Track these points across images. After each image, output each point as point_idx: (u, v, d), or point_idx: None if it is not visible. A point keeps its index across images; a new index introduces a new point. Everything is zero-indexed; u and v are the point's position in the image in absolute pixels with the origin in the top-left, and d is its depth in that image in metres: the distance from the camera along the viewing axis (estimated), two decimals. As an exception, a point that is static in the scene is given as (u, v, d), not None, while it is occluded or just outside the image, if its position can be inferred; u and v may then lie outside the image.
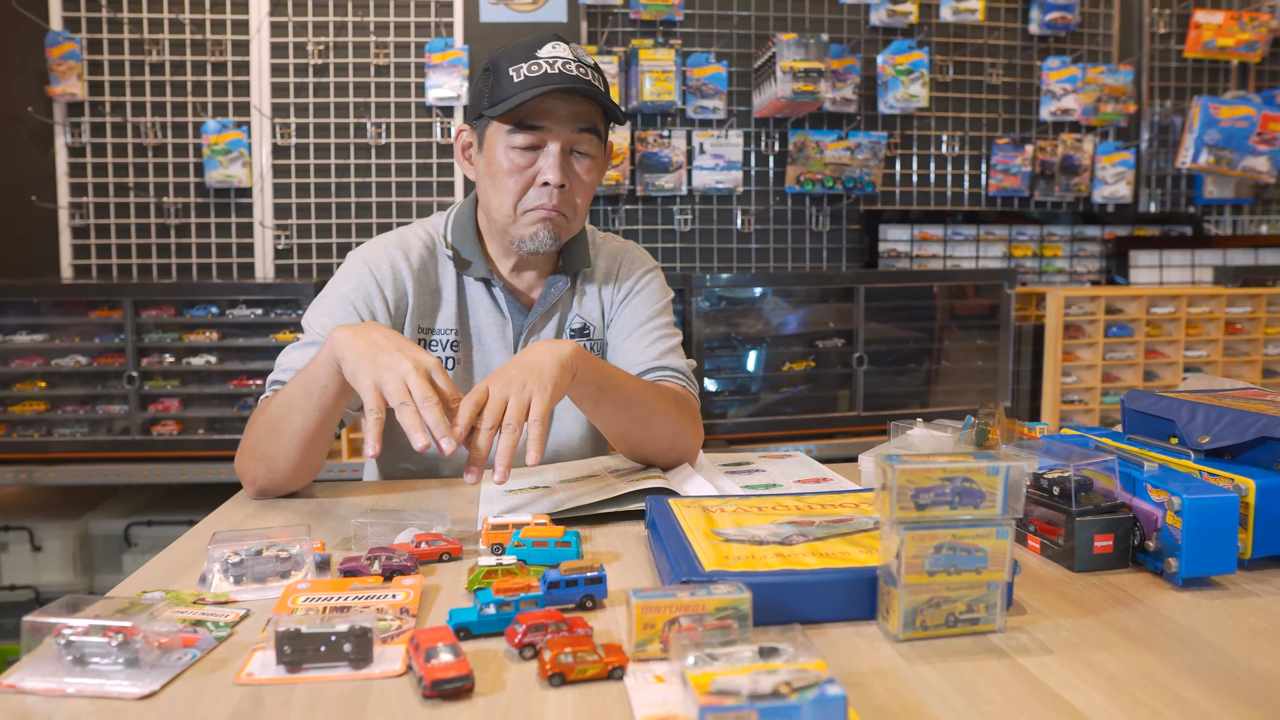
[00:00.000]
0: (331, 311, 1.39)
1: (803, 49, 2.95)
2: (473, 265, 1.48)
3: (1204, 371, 3.04)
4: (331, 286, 1.43)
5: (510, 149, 1.36)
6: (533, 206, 1.38)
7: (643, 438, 1.33)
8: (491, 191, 1.41)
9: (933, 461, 0.77)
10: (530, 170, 1.37)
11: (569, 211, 1.40)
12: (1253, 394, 1.15)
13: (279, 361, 1.37)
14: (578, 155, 1.39)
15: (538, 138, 1.35)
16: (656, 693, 0.68)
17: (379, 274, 1.42)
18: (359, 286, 1.41)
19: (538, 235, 1.39)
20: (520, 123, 1.34)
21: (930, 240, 3.39)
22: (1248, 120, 3.35)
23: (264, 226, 3.09)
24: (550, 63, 1.32)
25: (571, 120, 1.35)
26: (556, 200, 1.37)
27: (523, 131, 1.35)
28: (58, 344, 2.59)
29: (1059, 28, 3.36)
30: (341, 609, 0.82)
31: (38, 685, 0.70)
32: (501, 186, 1.38)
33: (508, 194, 1.38)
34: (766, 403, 2.90)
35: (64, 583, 2.64)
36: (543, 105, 1.33)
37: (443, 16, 3.08)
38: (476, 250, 1.48)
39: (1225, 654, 0.75)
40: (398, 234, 1.50)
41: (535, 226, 1.39)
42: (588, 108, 1.36)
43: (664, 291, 1.59)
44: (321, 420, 1.21)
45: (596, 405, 1.28)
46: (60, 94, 2.93)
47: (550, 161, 1.35)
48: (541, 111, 1.34)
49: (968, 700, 0.67)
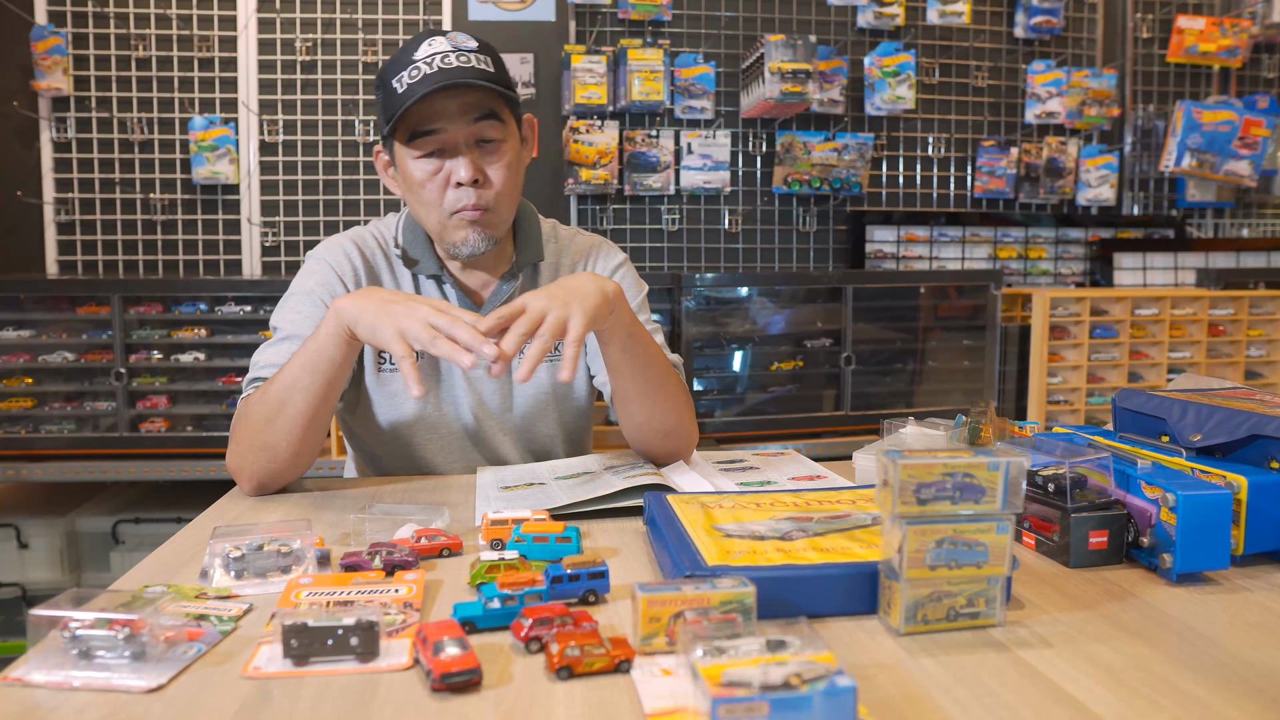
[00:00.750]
0: (299, 307, 1.40)
1: (790, 50, 2.96)
2: (421, 263, 1.47)
3: (1188, 372, 3.07)
4: (295, 285, 1.44)
5: (415, 160, 1.34)
6: (456, 209, 1.35)
7: (655, 406, 1.34)
8: (416, 205, 1.40)
9: (934, 457, 0.78)
10: (442, 175, 1.34)
11: (493, 204, 1.37)
12: (1242, 393, 1.16)
13: (256, 360, 1.38)
14: (485, 144, 1.35)
15: (437, 142, 1.33)
16: (664, 685, 0.69)
17: (339, 269, 1.44)
18: (323, 281, 1.42)
19: (469, 240, 1.37)
20: (414, 132, 1.32)
21: (916, 241, 3.41)
22: (1229, 125, 3.39)
23: (251, 223, 3.08)
24: (428, 63, 1.28)
25: (463, 113, 1.31)
26: (475, 198, 1.35)
27: (419, 140, 1.33)
28: (44, 340, 2.57)
29: (1044, 31, 3.40)
30: (345, 603, 0.83)
31: (44, 678, 0.70)
32: (421, 198, 1.37)
33: (430, 204, 1.37)
34: (754, 402, 2.92)
35: (51, 580, 2.62)
36: (429, 109, 1.30)
37: (431, 15, 3.08)
38: (427, 249, 1.47)
39: (1220, 647, 0.76)
40: (353, 232, 1.51)
41: (465, 231, 1.37)
42: (477, 95, 1.32)
43: (639, 284, 1.57)
44: (325, 396, 1.23)
45: (622, 353, 1.28)
46: (45, 89, 2.90)
47: (457, 162, 1.33)
48: (430, 115, 1.31)
49: (971, 692, 0.68)
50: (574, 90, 3.07)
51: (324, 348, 1.21)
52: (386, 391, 1.46)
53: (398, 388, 1.46)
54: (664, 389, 1.34)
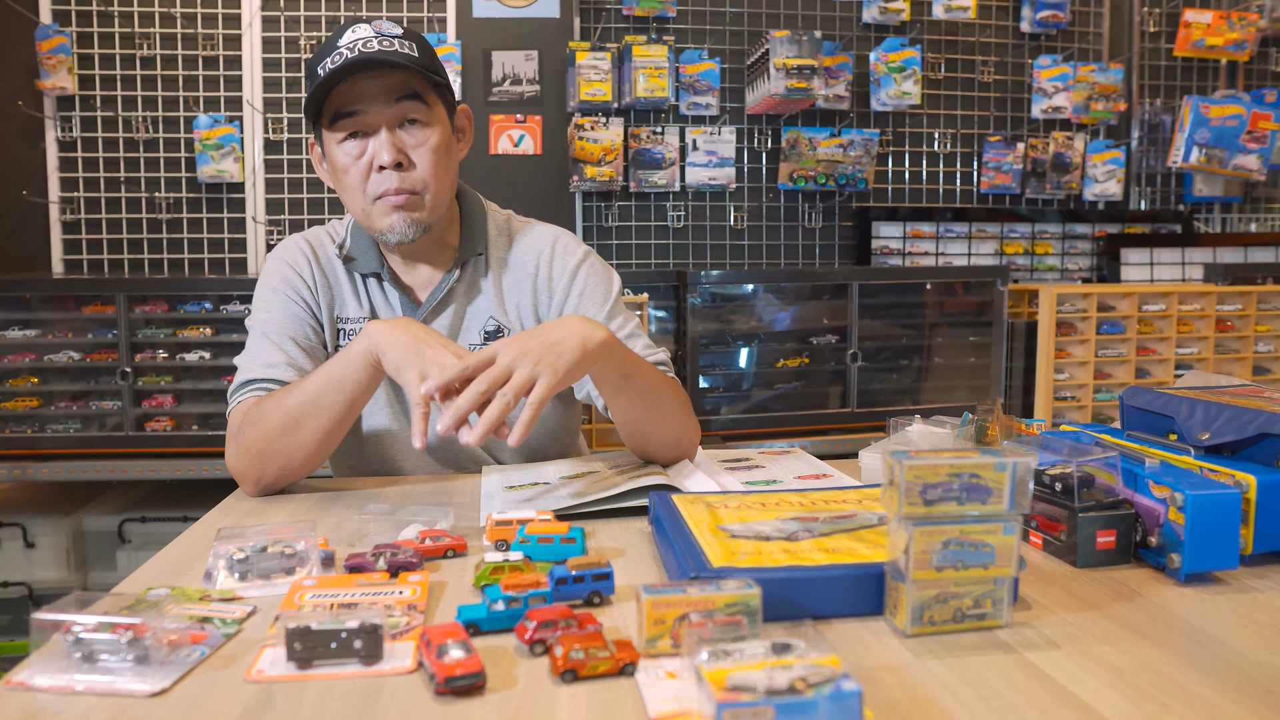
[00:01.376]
0: (269, 308, 1.41)
1: (795, 46, 2.95)
2: (359, 260, 1.45)
3: (1195, 369, 3.06)
4: (260, 288, 1.44)
5: (339, 145, 1.34)
6: (379, 193, 1.34)
7: (654, 430, 1.33)
8: (343, 193, 1.38)
9: (940, 457, 0.77)
10: (365, 159, 1.33)
11: (419, 187, 1.35)
12: (1250, 390, 1.16)
13: (244, 364, 1.36)
14: (409, 128, 1.34)
15: (357, 124, 1.32)
16: (669, 688, 0.68)
17: (297, 266, 1.44)
18: (284, 279, 1.43)
19: (394, 226, 1.35)
20: (336, 115, 1.31)
21: (922, 237, 3.40)
22: (1237, 119, 3.37)
23: (256, 222, 3.08)
24: (350, 48, 1.27)
25: (385, 95, 1.30)
26: (398, 181, 1.33)
27: (339, 122, 1.32)
28: (50, 340, 2.57)
29: (1050, 26, 3.38)
30: (349, 605, 0.82)
31: (47, 682, 0.69)
32: (346, 185, 1.36)
33: (354, 190, 1.35)
34: (760, 399, 2.91)
35: (57, 579, 2.63)
36: (350, 91, 1.29)
37: (435, 12, 3.07)
38: (369, 247, 1.45)
39: (1230, 648, 0.75)
40: (309, 231, 1.51)
41: (390, 217, 1.35)
42: (399, 76, 1.31)
43: (607, 279, 1.50)
44: (347, 414, 1.25)
45: (616, 393, 1.26)
46: (50, 88, 2.91)
47: (378, 144, 1.32)
48: (351, 97, 1.30)
49: (978, 694, 0.68)
50: (579, 87, 3.06)
51: (352, 369, 1.21)
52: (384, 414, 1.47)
53: (379, 392, 1.45)
54: (663, 413, 1.32)
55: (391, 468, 1.48)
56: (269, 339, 1.37)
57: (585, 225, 3.23)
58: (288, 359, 1.35)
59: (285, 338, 1.37)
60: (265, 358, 1.34)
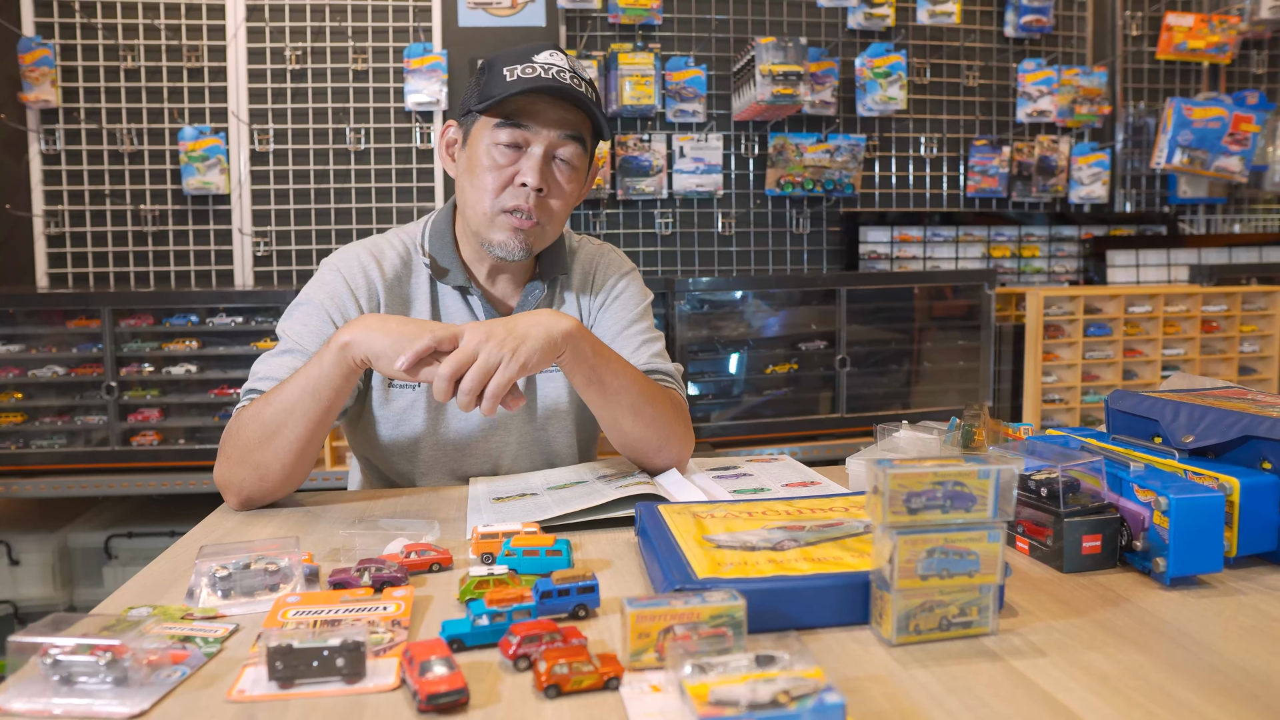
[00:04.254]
0: (308, 319, 1.39)
1: (781, 52, 2.96)
2: (450, 273, 1.47)
3: (1182, 369, 3.07)
4: (306, 294, 1.43)
5: (494, 145, 1.36)
6: (509, 208, 1.37)
7: (634, 430, 1.32)
8: (469, 188, 1.40)
9: (924, 465, 0.77)
10: (510, 169, 1.36)
11: (544, 218, 1.39)
12: (1234, 393, 1.16)
13: (256, 371, 1.36)
14: (559, 163, 1.39)
15: (521, 136, 1.35)
16: (653, 702, 0.68)
17: (353, 281, 1.42)
18: (334, 295, 1.41)
19: (508, 244, 1.39)
20: (506, 118, 1.34)
21: (910, 242, 3.41)
22: (1220, 121, 3.39)
23: (243, 233, 3.07)
24: (545, 68, 1.33)
25: (557, 125, 1.35)
26: (533, 203, 1.36)
27: (508, 128, 1.35)
28: (34, 354, 2.55)
29: (1034, 30, 3.39)
30: (332, 622, 0.82)
31: (24, 707, 0.69)
32: (480, 183, 1.37)
33: (485, 190, 1.37)
34: (749, 405, 2.91)
35: (43, 596, 2.61)
36: (531, 105, 1.34)
37: (421, 21, 3.07)
38: (454, 258, 1.47)
39: (1215, 652, 0.75)
40: (371, 241, 1.49)
41: (506, 235, 1.38)
42: (575, 116, 1.37)
43: (643, 294, 1.58)
44: (323, 421, 1.23)
45: (588, 386, 1.27)
46: (34, 100, 2.89)
47: (531, 163, 1.35)
48: (529, 111, 1.34)
49: (964, 704, 0.68)
50: (564, 95, 3.05)
51: (328, 376, 1.19)
52: (393, 409, 1.46)
53: (405, 404, 1.45)
54: (645, 411, 1.31)
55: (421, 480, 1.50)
56: (290, 355, 1.35)
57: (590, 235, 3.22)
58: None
59: (308, 355, 1.34)
60: (276, 372, 1.32)
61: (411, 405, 1.45)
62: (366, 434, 1.48)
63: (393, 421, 1.46)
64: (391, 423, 1.46)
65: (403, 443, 1.47)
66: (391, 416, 1.45)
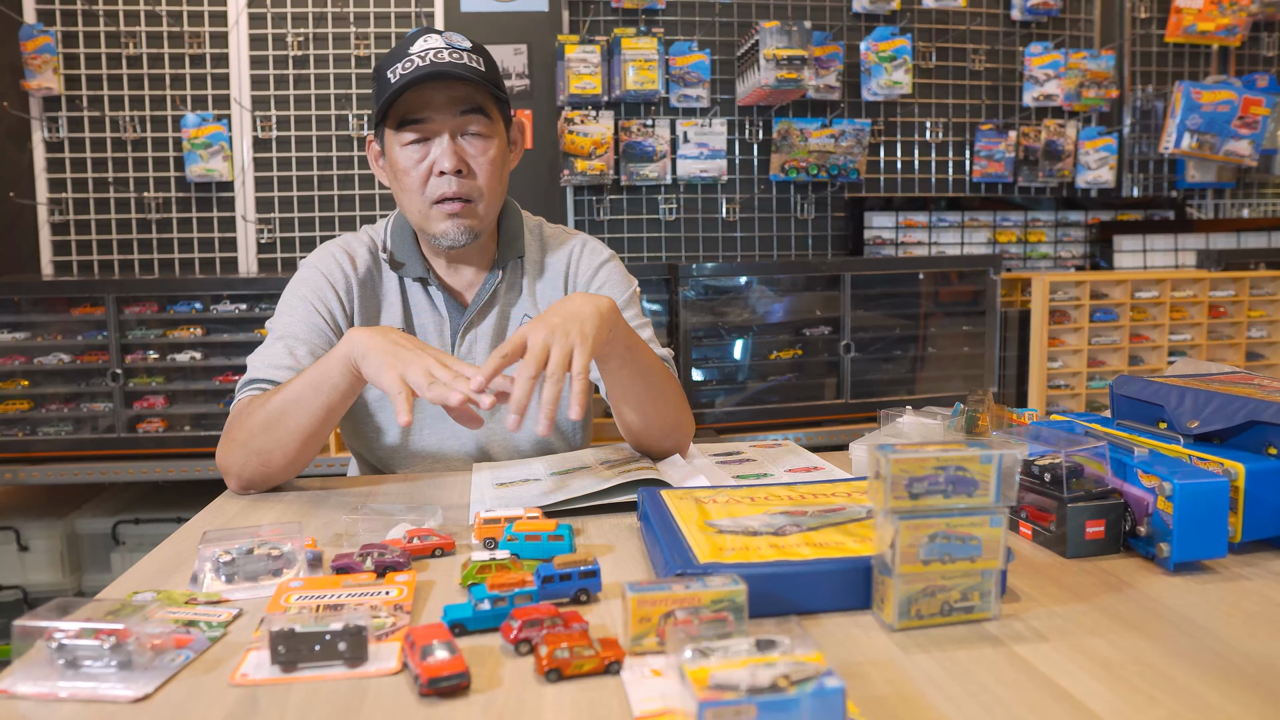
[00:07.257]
0: (293, 313, 1.43)
1: (786, 36, 2.94)
2: (407, 265, 1.50)
3: (1188, 355, 3.06)
4: (288, 293, 1.47)
5: (403, 149, 1.39)
6: (436, 198, 1.39)
7: (653, 411, 1.33)
8: (400, 193, 1.43)
9: (926, 450, 0.77)
10: (426, 164, 1.39)
11: (474, 195, 1.41)
12: (1239, 378, 1.15)
13: (252, 361, 1.40)
14: (469, 137, 1.40)
15: (423, 130, 1.38)
16: (654, 687, 0.68)
17: (331, 277, 1.46)
18: (315, 288, 1.45)
19: (449, 232, 1.41)
20: (403, 120, 1.37)
21: (915, 227, 3.39)
22: (1229, 104, 3.37)
23: (246, 220, 3.07)
24: (421, 56, 1.34)
25: (450, 106, 1.37)
26: (457, 187, 1.38)
27: (407, 127, 1.37)
28: (40, 342, 2.56)
29: (1041, 13, 3.37)
30: (335, 607, 0.82)
31: (30, 690, 0.69)
32: (406, 185, 1.41)
33: (412, 191, 1.41)
34: (754, 391, 2.91)
35: (52, 582, 2.62)
36: (419, 98, 1.36)
37: (423, 7, 3.06)
38: (413, 252, 1.50)
39: (1218, 638, 0.75)
40: (343, 240, 1.53)
41: (446, 224, 1.41)
42: (465, 89, 1.37)
43: (627, 280, 1.57)
44: (326, 417, 1.24)
45: (622, 366, 1.26)
46: (36, 88, 2.89)
47: (441, 150, 1.37)
48: (419, 104, 1.36)
49: (965, 689, 0.67)
50: (568, 81, 3.05)
51: (331, 373, 1.21)
52: (389, 414, 1.49)
53: (378, 393, 1.47)
54: (661, 394, 1.33)
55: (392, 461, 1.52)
56: (282, 342, 1.39)
57: (576, 219, 3.22)
58: (294, 363, 1.37)
59: (299, 342, 1.40)
60: (273, 359, 1.37)
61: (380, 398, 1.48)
62: (365, 438, 1.52)
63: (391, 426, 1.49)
64: (390, 427, 1.49)
65: (402, 447, 1.50)
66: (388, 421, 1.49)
